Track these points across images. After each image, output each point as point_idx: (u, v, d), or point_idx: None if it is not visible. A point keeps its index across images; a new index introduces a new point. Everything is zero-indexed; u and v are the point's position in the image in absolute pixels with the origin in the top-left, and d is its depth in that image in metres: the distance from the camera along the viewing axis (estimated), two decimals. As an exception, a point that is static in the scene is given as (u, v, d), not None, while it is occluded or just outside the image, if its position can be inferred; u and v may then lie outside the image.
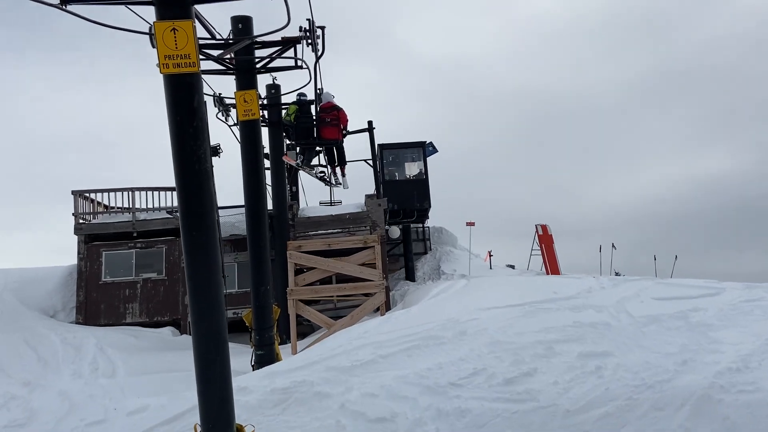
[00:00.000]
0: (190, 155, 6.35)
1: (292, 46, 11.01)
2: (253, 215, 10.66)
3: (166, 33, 6.20)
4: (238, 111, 10.61)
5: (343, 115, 12.50)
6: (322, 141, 12.41)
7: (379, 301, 12.86)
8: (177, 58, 6.21)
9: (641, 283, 13.47)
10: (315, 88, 12.92)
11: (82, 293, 15.43)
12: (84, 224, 15.87)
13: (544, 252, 17.52)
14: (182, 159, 6.35)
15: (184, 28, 6.24)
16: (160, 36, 6.19)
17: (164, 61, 6.21)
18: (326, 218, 15.84)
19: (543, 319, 10.37)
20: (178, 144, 6.36)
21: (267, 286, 10.77)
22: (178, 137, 6.34)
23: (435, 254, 19.54)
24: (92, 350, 13.10)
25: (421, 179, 18.48)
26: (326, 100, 12.68)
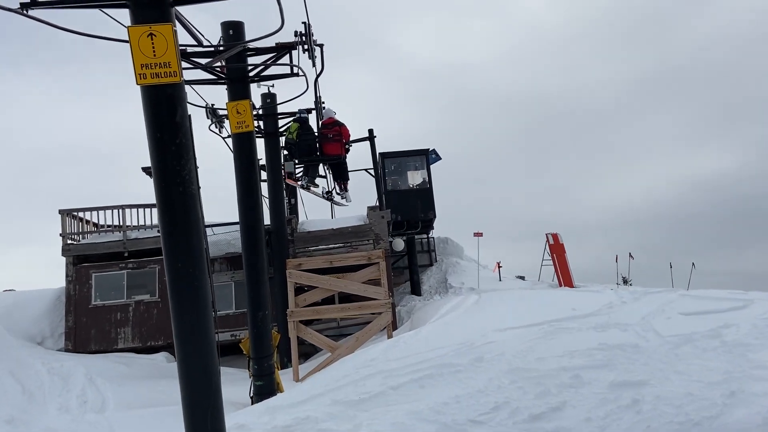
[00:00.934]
0: (173, 176, 5.59)
1: (287, 53, 10.27)
2: (249, 236, 9.88)
3: (142, 39, 5.45)
4: (230, 123, 9.86)
5: (345, 130, 12.17)
6: (325, 157, 12.07)
7: (385, 321, 12.08)
8: (155, 67, 5.46)
9: (664, 296, 12.69)
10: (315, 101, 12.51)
11: (71, 318, 14.62)
12: (72, 245, 15.07)
13: (555, 262, 16.73)
14: (165, 181, 5.59)
15: (163, 32, 5.48)
16: (136, 42, 5.44)
17: (141, 70, 5.46)
18: (327, 232, 15.07)
19: (565, 341, 9.57)
20: (160, 164, 5.60)
21: (265, 311, 9.99)
22: (159, 157, 5.59)
23: (441, 266, 18.76)
24: (81, 381, 12.28)
25: (425, 188, 17.71)
26: (328, 116, 12.41)
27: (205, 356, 5.72)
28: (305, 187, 12.78)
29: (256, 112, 14.47)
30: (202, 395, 5.63)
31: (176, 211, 5.62)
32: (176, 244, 5.65)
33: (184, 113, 5.66)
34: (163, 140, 5.53)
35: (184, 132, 5.65)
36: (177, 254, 5.66)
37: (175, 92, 5.56)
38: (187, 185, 5.65)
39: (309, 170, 12.93)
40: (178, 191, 5.60)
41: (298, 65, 10.05)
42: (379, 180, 17.19)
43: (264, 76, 10.57)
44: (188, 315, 5.70)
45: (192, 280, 5.68)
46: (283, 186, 15.73)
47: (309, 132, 12.51)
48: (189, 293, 5.68)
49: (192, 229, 5.69)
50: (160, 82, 5.45)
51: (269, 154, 15.11)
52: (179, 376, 5.82)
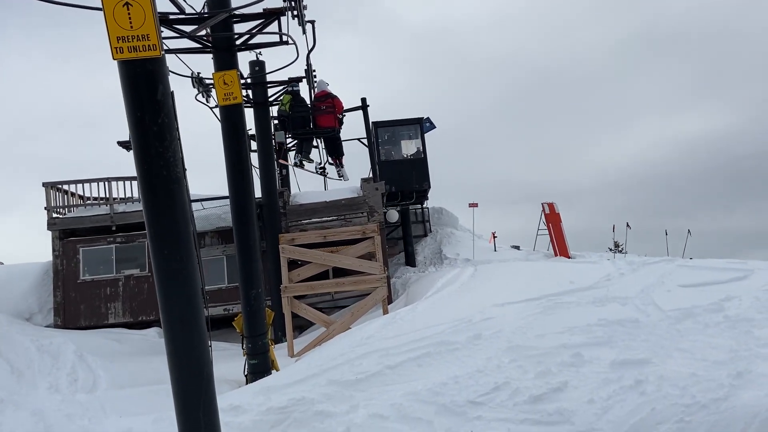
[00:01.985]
0: (157, 159, 5.22)
1: (276, 19, 9.77)
2: (239, 212, 9.55)
3: (117, 9, 5.01)
4: (217, 95, 9.41)
5: (339, 102, 11.91)
6: (318, 130, 11.80)
7: (380, 296, 11.88)
8: (133, 40, 5.04)
9: (662, 266, 12.53)
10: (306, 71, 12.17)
11: (60, 293, 14.33)
12: (58, 219, 14.68)
13: (551, 232, 16.53)
14: (146, 165, 5.23)
15: (140, 1, 5.04)
16: (110, 12, 5.00)
17: (117, 44, 5.03)
18: (320, 205, 14.73)
19: (564, 316, 9.41)
20: (141, 146, 5.22)
21: (258, 289, 9.73)
22: (140, 138, 5.21)
23: (436, 237, 18.53)
24: (71, 358, 12.06)
25: (420, 158, 17.33)
26: (321, 89, 12.14)
27: (196, 348, 5.46)
28: (299, 164, 12.55)
29: (244, 81, 13.96)
30: (193, 388, 5.39)
31: (160, 196, 5.27)
32: (161, 231, 5.32)
33: (166, 90, 5.26)
34: (143, 120, 5.15)
35: (167, 111, 5.26)
36: (163, 241, 5.34)
37: (155, 68, 5.15)
38: (171, 168, 5.28)
39: (302, 145, 12.58)
40: (162, 175, 5.24)
41: (288, 33, 9.57)
42: (373, 150, 16.78)
43: (251, 45, 10.08)
44: (177, 305, 5.41)
45: (180, 268, 5.37)
46: (274, 157, 15.32)
47: (302, 104, 12.23)
48: (177, 282, 5.37)
49: (178, 214, 5.35)
50: (138, 56, 5.04)
51: (259, 124, 14.68)
52: (169, 369, 5.56)
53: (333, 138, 12.28)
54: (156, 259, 5.40)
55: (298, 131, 12.00)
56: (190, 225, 5.48)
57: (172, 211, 5.31)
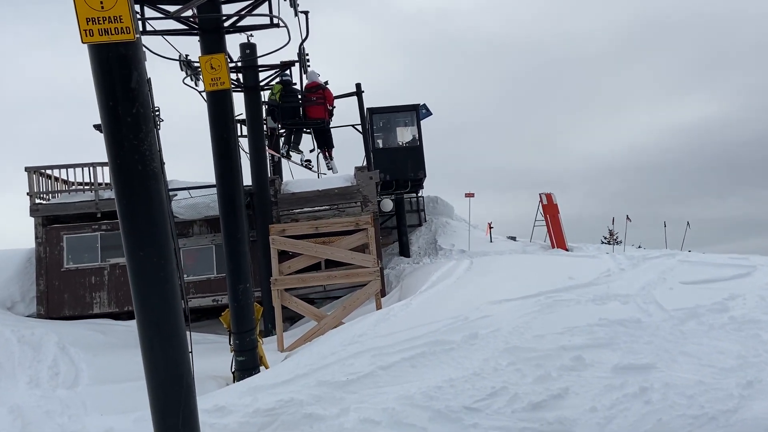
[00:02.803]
0: (131, 153, 4.80)
1: (266, 0, 9.27)
2: (226, 203, 9.13)
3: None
4: (204, 80, 8.94)
5: (329, 93, 11.70)
6: (309, 121, 11.57)
7: (373, 289, 11.53)
8: (104, 22, 4.60)
9: (663, 261, 12.24)
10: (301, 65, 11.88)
11: (43, 282, 13.89)
12: (41, 205, 14.19)
13: (549, 223, 16.18)
14: (120, 159, 4.81)
15: (112, -21, 4.60)
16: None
17: (86, 26, 4.59)
18: (313, 194, 14.31)
19: (564, 315, 9.08)
20: (114, 139, 4.80)
21: (246, 284, 9.34)
22: (113, 130, 4.78)
23: (430, 226, 18.15)
24: (53, 350, 11.67)
25: (415, 146, 16.89)
26: (312, 80, 11.90)
27: (176, 356, 5.08)
28: (285, 155, 12.30)
29: (234, 64, 13.46)
30: (172, 400, 5.03)
31: (135, 193, 4.86)
32: (137, 231, 4.91)
33: (141, 77, 4.82)
34: (116, 110, 4.72)
35: (143, 100, 4.82)
36: (138, 242, 4.93)
37: (129, 52, 4.71)
38: (147, 162, 4.86)
39: (292, 135, 12.29)
40: (136, 170, 4.82)
41: (278, 15, 9.09)
42: (367, 137, 16.33)
43: (241, 27, 9.59)
44: (154, 311, 5.02)
45: (157, 271, 4.97)
46: (265, 143, 14.87)
47: (292, 94, 12.00)
48: (154, 287, 4.98)
49: (155, 212, 4.94)
50: (110, 40, 4.60)
51: (250, 109, 14.20)
52: (146, 379, 5.19)
53: (323, 130, 12.06)
54: (131, 261, 5.00)
55: (288, 121, 11.76)
56: (168, 224, 5.07)
57: (149, 209, 4.90)
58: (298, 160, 12.44)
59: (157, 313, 5.03)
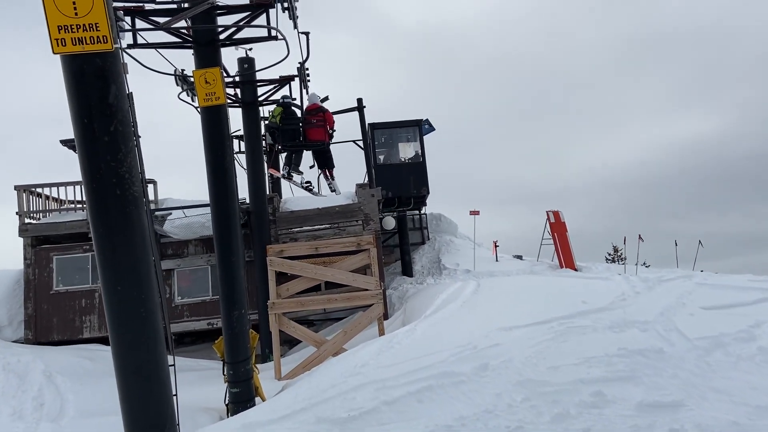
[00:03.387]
0: (107, 176, 4.29)
1: (264, 11, 8.82)
2: (221, 225, 8.61)
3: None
4: (198, 95, 8.46)
5: (330, 116, 11.51)
6: (309, 143, 11.37)
7: (376, 313, 10.97)
8: (78, 30, 4.11)
9: (679, 284, 11.69)
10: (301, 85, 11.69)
11: (31, 305, 13.32)
12: (30, 225, 13.66)
13: (557, 242, 15.64)
14: (95, 183, 4.30)
15: (87, -17, 4.12)
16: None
17: (58, 35, 4.10)
18: (312, 212, 13.79)
19: (579, 344, 8.53)
20: (89, 160, 4.30)
21: (241, 310, 8.79)
22: (88, 150, 4.28)
23: (434, 244, 17.60)
24: (39, 379, 11.10)
25: (418, 162, 16.40)
26: (312, 102, 11.66)
27: (157, 402, 4.53)
28: (286, 176, 12.00)
29: (232, 78, 13.02)
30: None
31: (113, 221, 4.35)
32: (115, 263, 4.39)
33: (120, 92, 4.33)
34: (91, 128, 4.22)
35: (122, 117, 4.32)
36: (116, 275, 4.41)
37: (107, 64, 4.22)
38: (127, 186, 4.36)
39: (292, 157, 12.00)
40: (114, 195, 4.31)
41: (276, 27, 8.63)
42: (369, 153, 15.86)
43: (237, 40, 9.14)
44: (133, 353, 4.48)
45: (137, 307, 4.44)
46: (263, 159, 14.39)
47: (292, 117, 11.81)
48: (134, 325, 4.44)
49: (135, 242, 4.42)
50: (84, 50, 4.11)
51: (248, 124, 13.74)
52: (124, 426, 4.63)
53: (323, 151, 11.77)
54: (108, 297, 4.48)
55: (288, 144, 11.58)
56: (150, 254, 4.55)
57: (128, 238, 4.39)
58: (298, 181, 12.13)
59: (137, 356, 4.49)
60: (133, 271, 4.39)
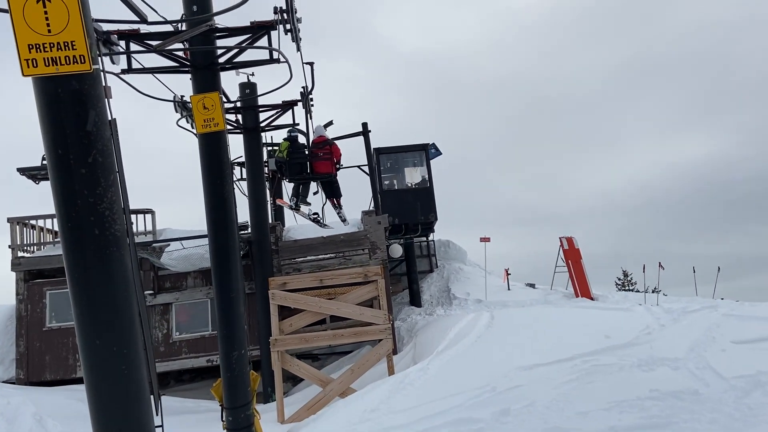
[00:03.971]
0: (85, 213, 3.75)
1: (265, 34, 8.37)
2: (219, 259, 8.04)
3: (28, 6, 3.59)
4: (195, 121, 7.97)
5: (336, 149, 11.48)
6: (316, 176, 11.25)
7: (385, 349, 10.34)
8: (52, 49, 3.61)
9: (705, 316, 11.06)
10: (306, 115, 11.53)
11: (23, 343, 12.70)
12: (23, 258, 13.11)
13: (571, 270, 15.03)
14: (71, 222, 3.75)
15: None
16: (19, 11, 3.59)
17: (28, 54, 3.60)
18: (316, 241, 13.24)
19: (607, 385, 7.89)
20: (63, 196, 3.76)
21: (241, 350, 8.17)
22: (62, 184, 3.75)
23: (442, 272, 17.00)
24: (29, 423, 10.40)
25: (425, 187, 15.89)
26: (318, 134, 11.65)
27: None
28: (294, 207, 11.72)
29: (233, 104, 12.60)
30: None
31: (90, 265, 3.79)
32: (92, 314, 3.82)
33: (101, 118, 3.81)
34: (66, 159, 3.70)
35: (102, 147, 3.80)
36: (94, 328, 3.84)
37: (84, 87, 3.71)
38: (107, 225, 3.81)
39: (299, 189, 11.76)
40: (92, 235, 3.76)
41: (279, 49, 8.17)
42: (374, 178, 15.36)
43: (237, 63, 8.67)
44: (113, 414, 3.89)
45: (118, 364, 3.86)
46: (265, 186, 13.89)
47: (299, 151, 11.72)
48: (114, 384, 3.86)
49: (116, 288, 3.86)
50: (59, 72, 3.60)
51: (249, 151, 13.29)
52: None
53: (330, 182, 11.57)
54: (85, 351, 3.90)
55: (296, 177, 11.45)
56: (134, 304, 3.99)
57: (108, 284, 3.82)
58: (306, 212, 11.82)
59: (118, 418, 3.90)
60: (114, 323, 3.82)
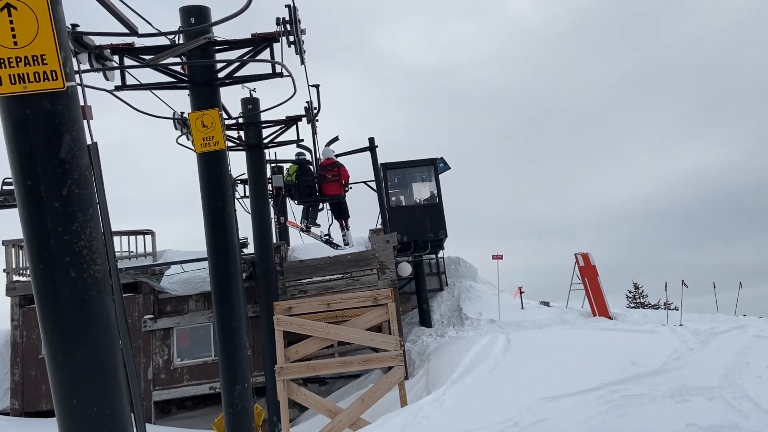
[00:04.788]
0: (58, 253, 3.26)
1: (267, 46, 7.92)
2: (220, 286, 7.53)
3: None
4: (194, 140, 7.50)
5: (344, 171, 11.35)
6: (325, 197, 11.09)
7: (396, 377, 9.78)
8: (18, 65, 3.14)
9: (734, 337, 10.46)
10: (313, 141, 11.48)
11: (18, 372, 12.19)
12: (19, 283, 12.63)
13: (587, 287, 14.44)
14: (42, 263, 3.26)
15: (30, 4, 3.16)
16: (-20, 20, 3.10)
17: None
18: (323, 261, 12.71)
19: (639, 419, 7.29)
20: (34, 233, 3.27)
21: (244, 384, 7.63)
22: (32, 220, 3.26)
23: (453, 291, 16.42)
24: (21, 459, 9.88)
25: (434, 203, 15.35)
26: (326, 157, 11.52)
27: None
28: (305, 229, 11.48)
29: (234, 120, 12.13)
30: None
31: (67, 313, 3.29)
32: (69, 370, 3.31)
33: (78, 143, 3.32)
34: (37, 192, 3.21)
35: (79, 176, 3.31)
36: (72, 387, 3.33)
37: (57, 108, 3.23)
38: (86, 266, 3.32)
39: (309, 211, 11.49)
40: (67, 277, 3.27)
41: (282, 62, 7.70)
42: (382, 195, 14.85)
43: (238, 78, 8.22)
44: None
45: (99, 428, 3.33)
46: (269, 205, 13.40)
47: (308, 173, 11.61)
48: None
49: (96, 340, 3.35)
50: (27, 90, 3.12)
51: (252, 168, 12.79)
52: None
53: (339, 203, 11.32)
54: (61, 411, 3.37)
55: (305, 199, 11.29)
56: (119, 356, 3.47)
57: (87, 335, 3.31)
58: (318, 234, 11.57)
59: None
60: (95, 380, 3.30)
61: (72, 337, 3.29)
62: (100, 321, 3.37)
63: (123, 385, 3.43)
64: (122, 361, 3.48)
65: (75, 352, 3.29)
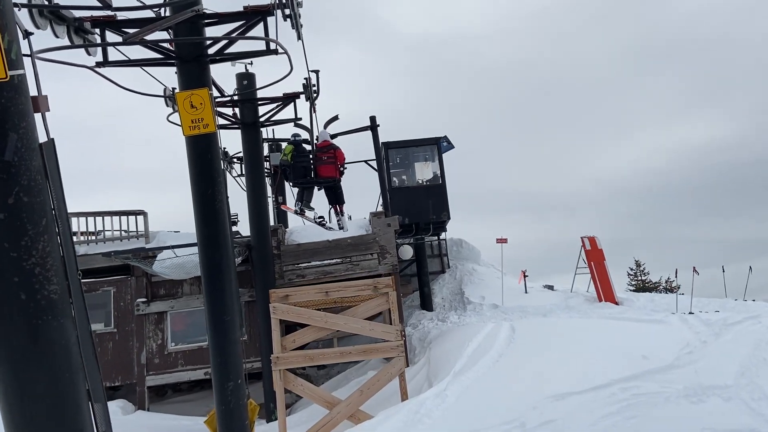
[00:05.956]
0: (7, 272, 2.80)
1: (261, 20, 7.33)
2: (211, 278, 7.09)
3: None
4: (182, 122, 6.97)
5: (340, 153, 11.02)
6: (320, 179, 10.69)
7: (397, 369, 9.43)
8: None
9: (749, 329, 10.06)
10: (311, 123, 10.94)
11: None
12: (7, 263, 12.19)
13: (594, 272, 14.03)
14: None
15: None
16: None
17: None
18: (321, 245, 12.27)
19: (652, 420, 6.94)
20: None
21: (237, 380, 7.24)
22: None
23: (455, 273, 16.02)
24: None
25: (437, 184, 14.84)
26: (323, 139, 11.23)
27: None
28: (299, 212, 11.08)
29: (229, 97, 11.57)
30: None
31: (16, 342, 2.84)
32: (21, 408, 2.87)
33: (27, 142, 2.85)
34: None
35: (28, 181, 2.83)
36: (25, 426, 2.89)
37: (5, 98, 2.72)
38: (40, 285, 2.87)
39: (303, 193, 11.07)
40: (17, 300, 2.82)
41: (276, 40, 7.13)
42: (383, 175, 14.34)
43: (229, 54, 7.65)
44: None
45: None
46: (265, 186, 12.90)
47: (303, 154, 11.08)
48: None
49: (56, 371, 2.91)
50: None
51: (248, 147, 12.28)
52: None
53: (334, 187, 10.88)
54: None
55: (299, 180, 10.85)
56: (82, 389, 3.04)
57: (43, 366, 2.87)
58: (311, 216, 11.18)
59: None
60: (54, 417, 2.87)
61: (24, 369, 2.84)
62: (58, 349, 2.92)
63: (88, 425, 3.00)
64: (87, 397, 3.04)
65: (27, 387, 2.85)
